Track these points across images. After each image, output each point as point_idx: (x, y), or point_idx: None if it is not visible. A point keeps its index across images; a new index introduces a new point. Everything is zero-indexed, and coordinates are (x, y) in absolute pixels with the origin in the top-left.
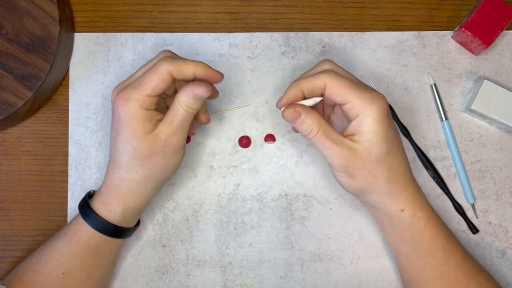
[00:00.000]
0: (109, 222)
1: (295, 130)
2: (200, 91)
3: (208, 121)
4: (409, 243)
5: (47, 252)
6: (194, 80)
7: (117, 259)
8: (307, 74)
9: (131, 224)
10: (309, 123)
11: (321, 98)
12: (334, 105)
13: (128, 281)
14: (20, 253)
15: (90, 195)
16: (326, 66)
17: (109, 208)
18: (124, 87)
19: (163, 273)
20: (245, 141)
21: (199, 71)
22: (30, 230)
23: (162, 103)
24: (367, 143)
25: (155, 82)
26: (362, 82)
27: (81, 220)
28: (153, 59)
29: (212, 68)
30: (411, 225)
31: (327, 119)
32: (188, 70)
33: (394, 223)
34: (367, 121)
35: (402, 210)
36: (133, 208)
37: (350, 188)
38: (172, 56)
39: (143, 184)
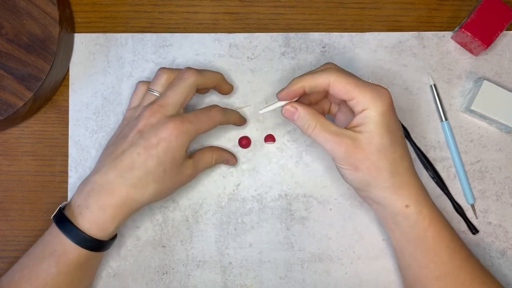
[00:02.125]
0: (99, 239)
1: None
2: (232, 163)
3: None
4: (413, 241)
5: (31, 271)
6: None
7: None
8: (311, 72)
9: (113, 235)
10: (306, 118)
11: (284, 102)
12: (339, 103)
13: (128, 281)
14: (20, 253)
15: (63, 208)
16: (328, 65)
17: (103, 227)
18: (179, 115)
19: (163, 273)
20: (245, 142)
21: (238, 122)
22: (30, 231)
23: None
24: (368, 134)
25: (209, 126)
26: (364, 80)
27: (66, 241)
28: (182, 74)
29: (243, 119)
30: (416, 222)
31: (333, 116)
32: (233, 122)
33: (398, 220)
34: (371, 114)
35: (407, 206)
36: (122, 224)
37: (353, 180)
38: (222, 108)
39: (144, 204)
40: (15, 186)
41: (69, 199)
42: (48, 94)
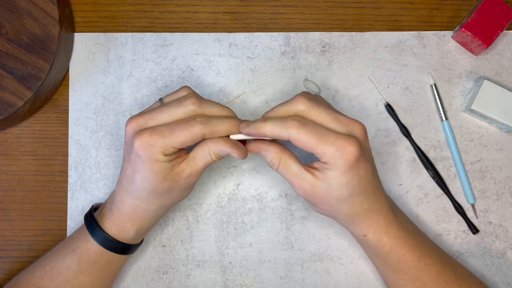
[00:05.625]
0: (120, 241)
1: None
2: (237, 154)
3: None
4: (380, 261)
5: (53, 268)
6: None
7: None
8: (277, 114)
9: (139, 241)
10: (270, 156)
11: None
12: None
13: (128, 281)
14: (20, 253)
15: (95, 209)
16: (299, 106)
17: (123, 230)
18: (148, 127)
19: (163, 273)
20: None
21: (232, 131)
22: (30, 230)
23: None
24: (327, 186)
25: (185, 139)
26: (336, 116)
27: (90, 239)
28: (177, 93)
29: (243, 122)
30: (376, 247)
31: None
32: (222, 133)
33: (362, 243)
34: (332, 170)
35: (365, 235)
36: (146, 228)
37: (316, 211)
38: (205, 117)
39: (158, 211)
40: (15, 185)
41: (68, 198)
42: (48, 94)
